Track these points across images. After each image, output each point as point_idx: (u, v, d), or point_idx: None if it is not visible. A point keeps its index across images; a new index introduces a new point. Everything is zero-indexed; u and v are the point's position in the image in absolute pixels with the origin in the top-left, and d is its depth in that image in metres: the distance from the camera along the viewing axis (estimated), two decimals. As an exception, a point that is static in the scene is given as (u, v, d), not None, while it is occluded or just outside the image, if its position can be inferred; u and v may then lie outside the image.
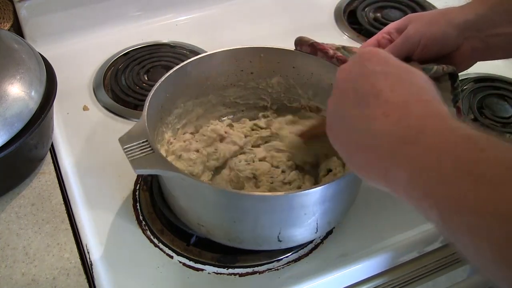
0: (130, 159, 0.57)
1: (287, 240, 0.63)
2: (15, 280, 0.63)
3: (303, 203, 0.59)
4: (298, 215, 0.60)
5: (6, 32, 0.78)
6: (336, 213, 0.65)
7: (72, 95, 0.87)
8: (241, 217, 0.61)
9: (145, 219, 0.69)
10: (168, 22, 1.06)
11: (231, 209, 0.60)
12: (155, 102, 0.68)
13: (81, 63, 0.95)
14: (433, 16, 0.67)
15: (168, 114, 0.74)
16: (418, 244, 0.70)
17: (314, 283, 0.64)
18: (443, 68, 0.64)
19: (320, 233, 0.65)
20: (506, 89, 0.91)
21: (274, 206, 0.59)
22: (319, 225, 0.63)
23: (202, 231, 0.64)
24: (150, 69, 0.93)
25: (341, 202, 0.65)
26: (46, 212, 0.70)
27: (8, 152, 0.64)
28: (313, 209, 0.60)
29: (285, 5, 1.10)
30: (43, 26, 0.97)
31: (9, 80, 0.67)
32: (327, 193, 0.59)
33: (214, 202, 0.61)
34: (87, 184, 0.74)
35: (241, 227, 0.62)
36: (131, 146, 0.59)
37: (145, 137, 0.60)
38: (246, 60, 0.76)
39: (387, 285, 0.72)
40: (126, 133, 0.61)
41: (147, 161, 0.57)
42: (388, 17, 1.07)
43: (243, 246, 0.64)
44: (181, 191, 0.63)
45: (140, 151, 0.58)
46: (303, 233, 0.63)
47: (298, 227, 0.62)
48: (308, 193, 0.58)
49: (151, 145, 0.59)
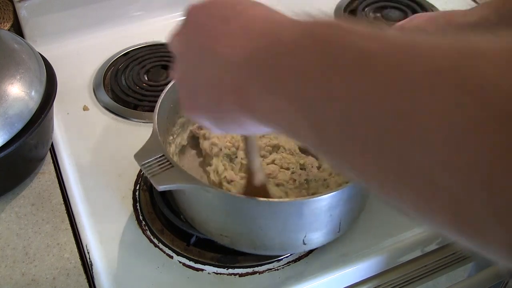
0: (150, 176, 0.56)
1: (312, 242, 0.63)
2: (15, 280, 0.63)
3: (330, 205, 0.58)
4: (323, 217, 0.59)
5: (6, 32, 0.78)
6: (356, 211, 0.66)
7: (72, 95, 0.87)
8: (267, 224, 0.60)
9: (145, 219, 0.69)
10: (168, 22, 1.05)
11: (258, 217, 0.60)
12: (162, 114, 0.67)
13: (81, 63, 0.95)
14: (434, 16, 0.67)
15: (173, 125, 0.73)
16: (418, 244, 0.70)
17: (314, 283, 0.64)
18: None
19: (342, 232, 0.65)
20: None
21: (300, 210, 0.58)
22: (342, 224, 0.63)
23: (225, 242, 0.63)
24: (150, 69, 0.93)
25: (361, 199, 0.65)
26: (46, 212, 0.70)
27: (8, 152, 0.64)
28: (338, 210, 0.60)
29: (285, 5, 1.09)
30: (43, 26, 0.97)
31: (9, 80, 0.67)
32: (350, 193, 0.59)
33: (240, 211, 0.60)
34: (87, 184, 0.74)
35: (267, 234, 0.61)
36: (149, 162, 0.58)
37: (161, 152, 0.58)
38: None
39: (387, 285, 0.72)
40: (140, 149, 0.59)
41: (168, 176, 0.56)
42: (388, 17, 1.07)
43: (268, 253, 0.64)
44: (204, 203, 0.62)
45: (159, 166, 0.57)
46: (326, 234, 0.63)
47: (323, 229, 0.61)
48: (335, 195, 0.58)
49: (169, 160, 0.58)
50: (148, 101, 0.87)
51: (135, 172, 0.74)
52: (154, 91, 0.88)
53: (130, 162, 0.66)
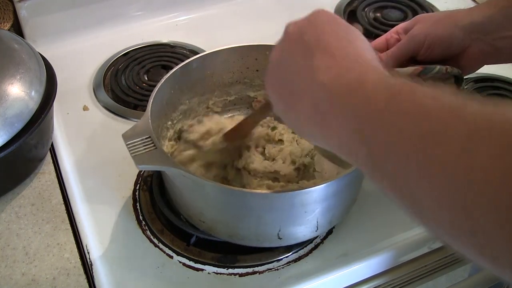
0: (132, 154, 0.58)
1: (287, 237, 0.63)
2: (15, 280, 0.63)
3: (303, 201, 0.59)
4: (298, 213, 0.60)
5: (6, 32, 0.78)
6: (337, 211, 0.65)
7: (72, 95, 0.87)
8: (242, 214, 0.61)
9: (145, 219, 0.69)
10: (168, 22, 1.05)
11: (233, 207, 0.61)
12: (160, 99, 0.68)
13: (81, 63, 0.95)
14: (440, 17, 0.67)
15: (173, 111, 0.74)
16: (418, 244, 0.70)
17: (314, 283, 0.64)
18: (446, 69, 0.64)
19: (320, 231, 0.65)
20: (506, 89, 0.91)
21: (275, 204, 0.59)
22: (319, 223, 0.63)
23: (203, 227, 0.64)
24: (150, 69, 0.93)
25: (342, 200, 0.65)
26: (46, 212, 0.70)
27: (8, 152, 0.64)
28: (314, 207, 0.60)
29: (285, 5, 1.10)
30: (43, 26, 0.97)
31: (9, 80, 0.67)
32: (328, 192, 0.59)
33: (216, 199, 0.61)
34: (87, 184, 0.74)
35: (242, 224, 0.62)
36: (134, 142, 0.59)
37: (149, 134, 0.60)
38: (251, 57, 0.77)
39: (388, 285, 0.72)
40: (130, 129, 0.61)
41: (149, 157, 0.58)
42: (388, 17, 1.07)
43: (244, 243, 0.64)
44: (184, 187, 0.64)
45: (143, 147, 0.59)
46: (303, 231, 0.63)
47: (298, 225, 0.62)
48: (309, 191, 0.58)
49: (154, 142, 0.59)
50: (148, 101, 0.87)
51: (135, 172, 0.74)
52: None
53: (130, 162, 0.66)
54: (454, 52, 0.66)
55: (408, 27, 0.69)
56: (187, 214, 0.66)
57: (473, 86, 0.91)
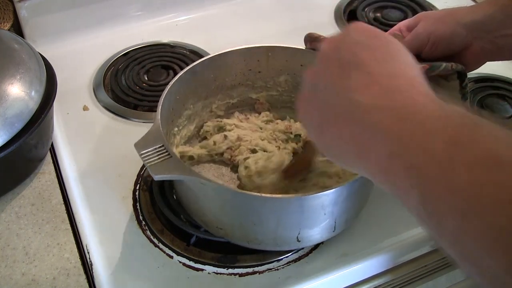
0: (148, 165, 0.57)
1: (305, 240, 0.63)
2: (15, 280, 0.63)
3: (323, 203, 0.58)
4: (317, 215, 0.60)
5: (6, 32, 0.78)
6: (353, 211, 0.65)
7: (72, 95, 0.87)
8: (261, 219, 0.60)
9: (145, 219, 0.69)
10: (168, 22, 1.05)
11: (253, 212, 0.60)
12: (167, 105, 0.68)
13: (81, 63, 0.95)
14: (442, 15, 0.67)
15: (179, 116, 0.74)
16: (418, 244, 0.70)
17: (314, 283, 0.64)
18: (452, 66, 0.64)
19: (337, 231, 0.65)
20: (506, 89, 0.91)
21: (294, 207, 0.59)
22: (337, 223, 0.63)
23: (221, 234, 0.64)
24: (150, 69, 0.93)
25: (359, 199, 0.65)
26: (46, 212, 0.70)
27: (8, 152, 0.64)
28: (333, 208, 0.60)
29: (285, 5, 1.10)
30: (43, 26, 0.97)
31: (9, 80, 0.67)
32: (347, 192, 0.59)
33: (234, 205, 0.61)
34: (87, 184, 0.74)
35: (260, 229, 0.61)
36: (148, 151, 0.58)
37: (161, 142, 0.59)
38: (254, 59, 0.77)
39: (387, 285, 0.72)
40: (141, 138, 0.60)
41: (165, 166, 0.57)
42: (388, 17, 1.07)
43: (262, 248, 0.64)
44: (200, 194, 0.63)
45: (157, 156, 0.58)
46: (321, 232, 0.63)
47: (317, 227, 0.62)
48: (329, 194, 0.58)
49: (167, 150, 0.58)
50: (148, 101, 0.87)
51: (135, 172, 0.74)
52: (154, 91, 0.88)
53: (130, 162, 0.66)
54: (456, 49, 0.66)
55: (411, 24, 0.69)
56: (202, 221, 0.65)
57: (473, 86, 0.91)
